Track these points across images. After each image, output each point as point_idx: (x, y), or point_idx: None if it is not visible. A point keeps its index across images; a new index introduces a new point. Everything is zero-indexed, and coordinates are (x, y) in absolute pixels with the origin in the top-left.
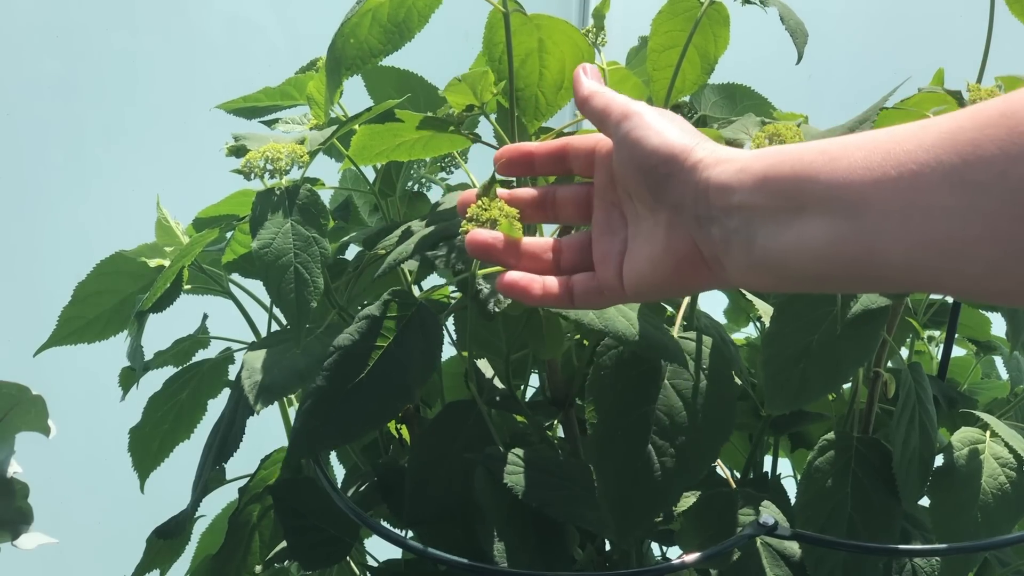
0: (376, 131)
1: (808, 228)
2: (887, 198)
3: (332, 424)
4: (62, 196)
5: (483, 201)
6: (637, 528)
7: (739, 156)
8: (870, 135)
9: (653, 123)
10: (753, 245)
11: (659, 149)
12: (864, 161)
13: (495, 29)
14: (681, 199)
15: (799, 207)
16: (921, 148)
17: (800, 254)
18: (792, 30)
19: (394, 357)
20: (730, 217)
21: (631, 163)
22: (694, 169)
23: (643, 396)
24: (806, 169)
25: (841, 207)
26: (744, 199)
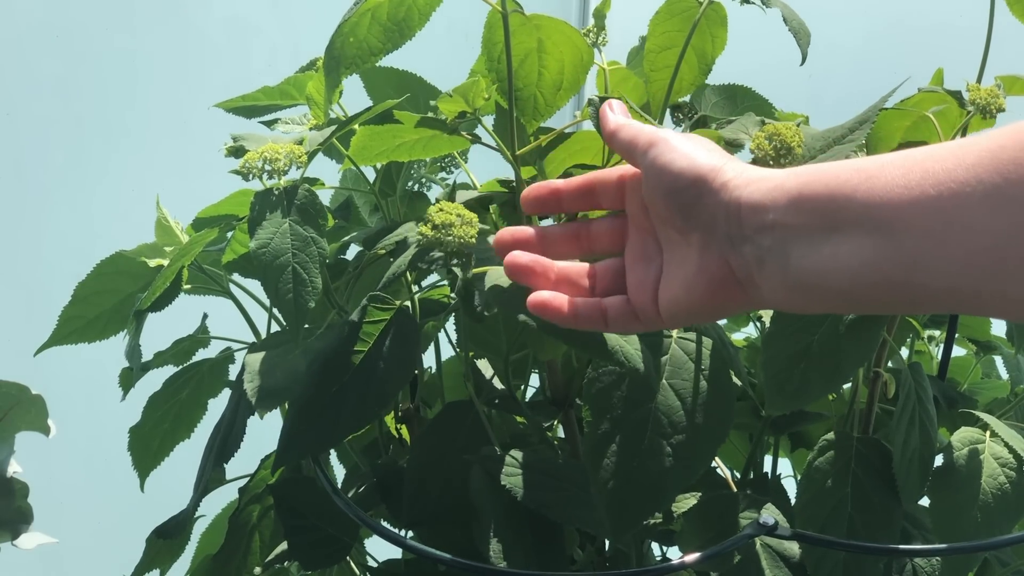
0: (376, 131)
1: (844, 247)
2: (926, 217)
3: (316, 429)
4: (62, 196)
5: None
6: (632, 527)
7: (771, 175)
8: (907, 153)
9: (679, 147)
10: (788, 264)
11: (686, 171)
12: (902, 179)
13: (494, 29)
14: (712, 220)
15: (834, 226)
16: (961, 167)
17: (836, 274)
18: (795, 31)
19: (373, 362)
20: (763, 236)
21: (660, 188)
22: (724, 189)
23: (641, 396)
24: (841, 187)
25: (878, 226)
26: (778, 218)
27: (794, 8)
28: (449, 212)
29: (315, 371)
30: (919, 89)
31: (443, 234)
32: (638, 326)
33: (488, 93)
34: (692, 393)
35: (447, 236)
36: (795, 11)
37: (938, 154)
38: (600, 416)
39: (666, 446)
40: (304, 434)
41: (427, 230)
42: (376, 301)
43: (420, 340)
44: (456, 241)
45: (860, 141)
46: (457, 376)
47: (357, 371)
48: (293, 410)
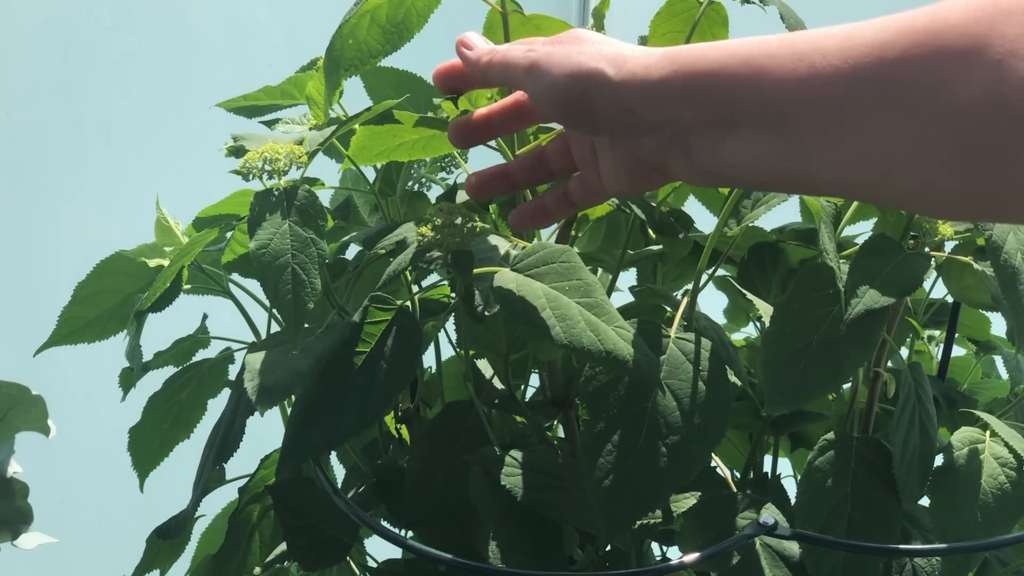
0: (376, 131)
1: (741, 142)
2: (816, 115)
3: (320, 432)
4: (62, 196)
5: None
6: (626, 526)
7: (651, 64)
8: (792, 44)
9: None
10: (691, 155)
11: (571, 87)
12: (791, 75)
13: (493, 30)
14: (610, 121)
15: (730, 120)
16: (847, 63)
17: (738, 166)
18: (792, 29)
19: (376, 363)
20: (661, 129)
21: (552, 110)
22: (610, 88)
23: (638, 395)
24: (732, 83)
25: (771, 122)
26: (672, 113)
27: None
28: (449, 212)
29: (317, 373)
30: None
31: (443, 234)
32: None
33: (490, 92)
34: (689, 394)
35: (447, 236)
36: (793, 10)
37: (824, 46)
38: (596, 415)
39: (662, 446)
40: (308, 437)
41: (427, 230)
42: (377, 302)
43: (422, 340)
44: (456, 242)
45: None
46: (457, 376)
47: (360, 372)
48: (296, 413)
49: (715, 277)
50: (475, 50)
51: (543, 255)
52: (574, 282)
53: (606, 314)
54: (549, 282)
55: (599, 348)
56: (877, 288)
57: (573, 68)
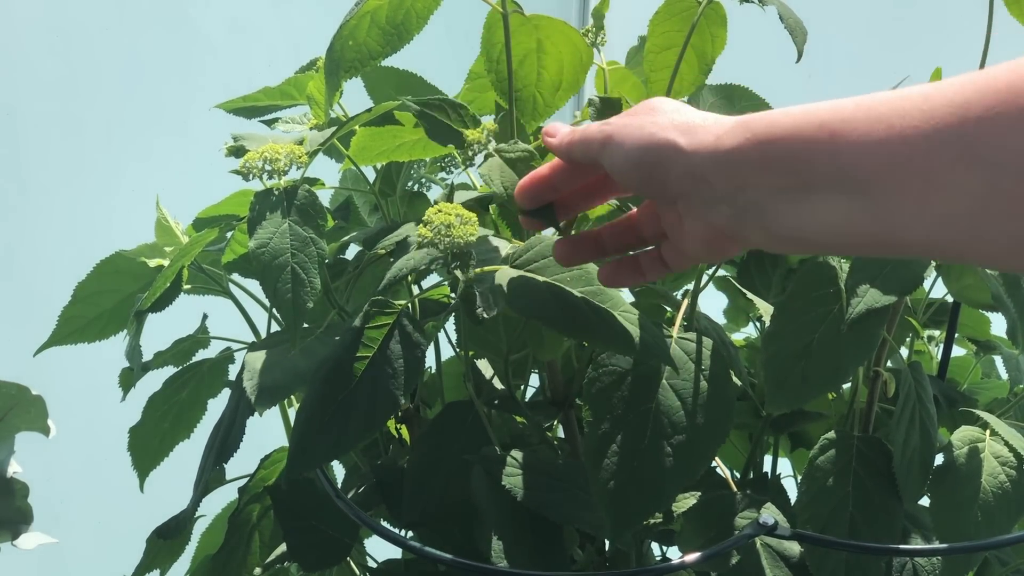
0: (376, 132)
1: (821, 207)
2: (901, 177)
3: (326, 438)
4: (62, 196)
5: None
6: (632, 527)
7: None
8: (866, 104)
9: (628, 137)
10: (766, 222)
11: (643, 159)
12: (870, 137)
13: (493, 30)
14: (684, 190)
15: (808, 185)
16: (928, 124)
17: (817, 231)
18: (791, 28)
19: (379, 367)
20: (736, 196)
21: (629, 182)
22: (683, 159)
23: (641, 396)
24: (809, 147)
25: (853, 186)
26: (747, 179)
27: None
28: (448, 213)
29: (320, 379)
30: None
31: (442, 235)
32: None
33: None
34: (692, 393)
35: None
36: (792, 9)
37: (902, 108)
38: (600, 416)
39: (666, 446)
40: (314, 445)
41: (426, 232)
42: (378, 305)
43: (425, 342)
44: (456, 242)
45: None
46: (457, 376)
47: (363, 378)
48: (300, 420)
49: (715, 277)
50: (558, 135)
51: (541, 249)
52: (575, 272)
53: (610, 300)
54: (550, 275)
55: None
56: (878, 287)
57: (645, 139)
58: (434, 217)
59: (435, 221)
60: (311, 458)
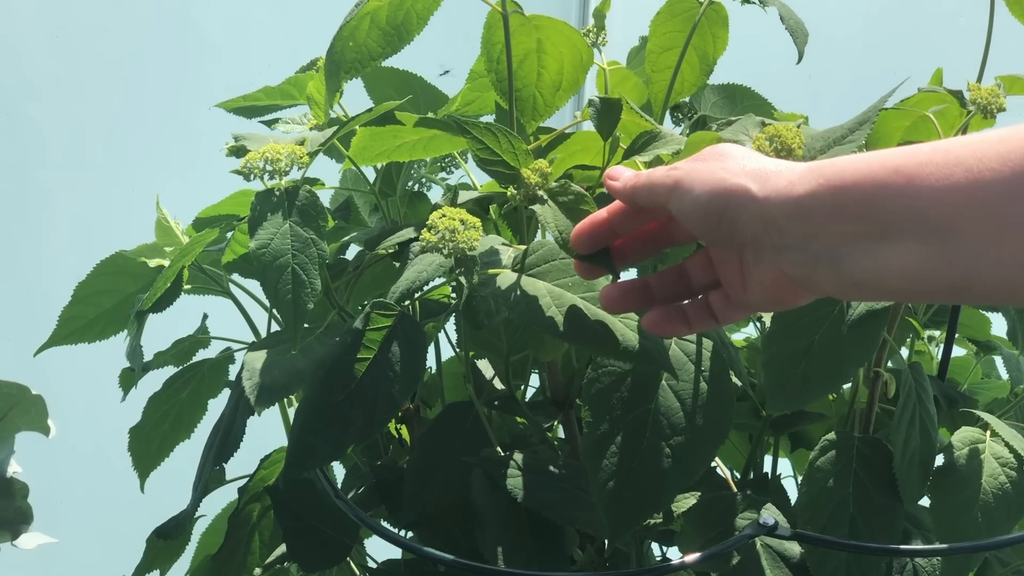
0: (376, 132)
1: (897, 253)
2: (978, 223)
3: (325, 439)
4: (62, 196)
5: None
6: (631, 528)
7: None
8: (942, 148)
9: (698, 181)
10: (840, 269)
11: (713, 204)
12: (947, 181)
13: (493, 30)
14: (755, 237)
15: (883, 231)
16: (1007, 167)
17: (891, 277)
18: (792, 29)
19: (380, 368)
20: (808, 243)
21: (697, 227)
22: (754, 205)
23: (641, 396)
24: (883, 192)
25: (931, 232)
26: (821, 226)
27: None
28: (452, 218)
29: (320, 380)
30: (919, 89)
31: (447, 240)
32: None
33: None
34: (692, 394)
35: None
36: (792, 10)
37: (979, 151)
38: (599, 417)
39: (665, 447)
40: (313, 445)
41: (431, 236)
42: (378, 307)
43: (425, 344)
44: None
45: (860, 142)
46: (458, 376)
47: (364, 379)
48: (300, 421)
49: None
50: (621, 179)
51: (543, 253)
52: (576, 277)
53: None
54: (551, 279)
55: (607, 339)
56: None
57: (716, 184)
58: (438, 222)
59: (440, 226)
60: (310, 459)
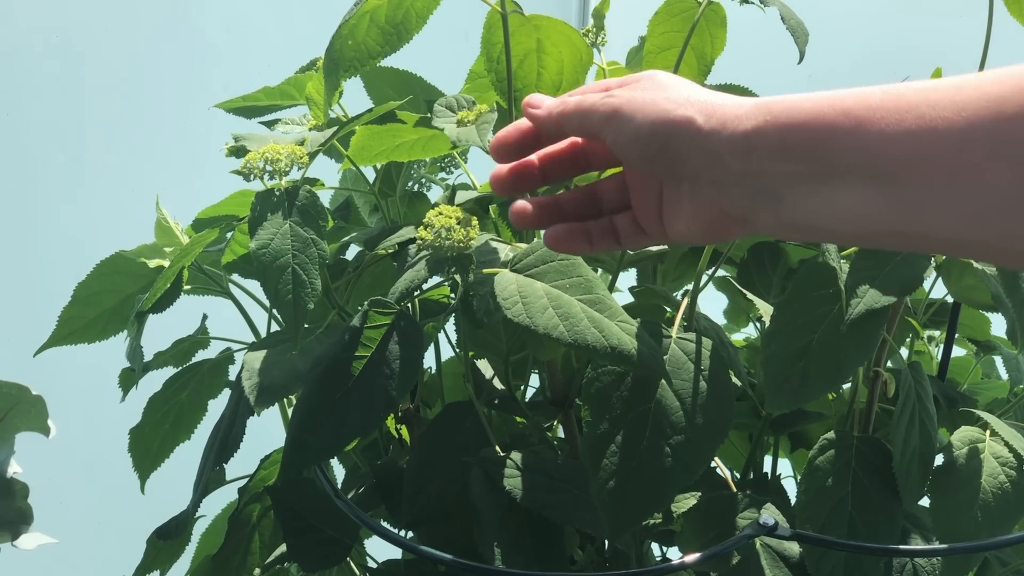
0: (376, 131)
1: (840, 196)
2: (929, 170)
3: (321, 436)
4: (62, 196)
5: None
6: (631, 527)
7: (745, 115)
8: (895, 92)
9: (639, 111)
10: (780, 208)
11: (656, 135)
12: (897, 127)
13: (493, 30)
14: (696, 170)
15: (829, 173)
16: (960, 116)
17: (832, 220)
18: (793, 29)
19: (377, 367)
20: (752, 180)
21: (635, 158)
22: (700, 138)
23: (640, 396)
24: (832, 134)
25: (877, 177)
26: (765, 163)
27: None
28: (449, 216)
29: (318, 378)
30: None
31: (443, 239)
32: (647, 240)
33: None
34: (691, 394)
35: (447, 240)
36: (792, 10)
37: (932, 99)
38: (599, 416)
39: (665, 446)
40: (310, 443)
41: (427, 234)
42: (377, 305)
43: (423, 343)
44: (455, 246)
45: None
46: (458, 376)
47: (361, 377)
48: (297, 419)
49: (715, 277)
50: (544, 106)
51: (542, 254)
52: (575, 279)
53: (608, 309)
54: (549, 281)
55: (603, 344)
56: (877, 287)
57: (660, 115)
58: (435, 220)
59: (436, 224)
60: (306, 456)
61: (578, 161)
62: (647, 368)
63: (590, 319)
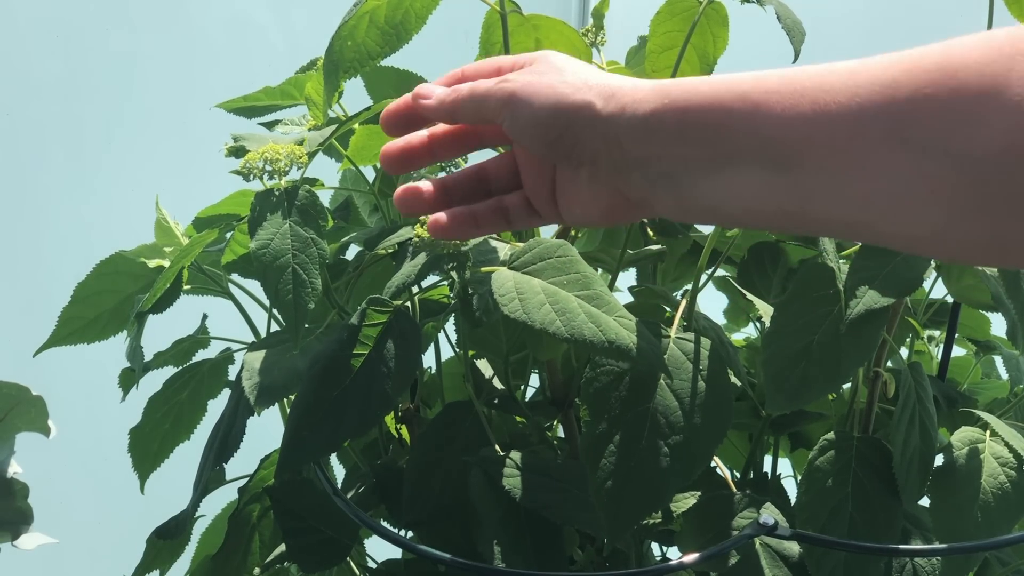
0: (375, 131)
1: (736, 179)
2: (823, 154)
3: (319, 434)
4: (62, 196)
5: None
6: (629, 527)
7: (643, 99)
8: (792, 79)
9: (536, 96)
10: (680, 191)
11: (555, 120)
12: (793, 111)
13: (492, 29)
14: (595, 154)
15: (725, 157)
16: (854, 101)
17: (729, 202)
18: (789, 28)
19: (375, 365)
20: (650, 164)
21: (533, 144)
22: (599, 122)
23: (639, 395)
24: (728, 117)
25: (772, 160)
26: (664, 148)
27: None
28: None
29: (314, 376)
30: None
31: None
32: (539, 221)
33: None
34: (690, 393)
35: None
36: (790, 9)
37: (827, 83)
38: (598, 416)
39: (664, 446)
40: (307, 440)
41: (423, 232)
42: (375, 304)
43: (421, 341)
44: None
45: None
46: (457, 376)
47: (358, 375)
48: (294, 416)
49: (715, 277)
50: (434, 96)
51: (539, 251)
52: (572, 276)
53: (606, 305)
54: (547, 277)
55: (601, 339)
56: (877, 288)
57: (558, 99)
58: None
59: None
60: (303, 454)
61: (469, 138)
62: (646, 363)
63: (587, 314)
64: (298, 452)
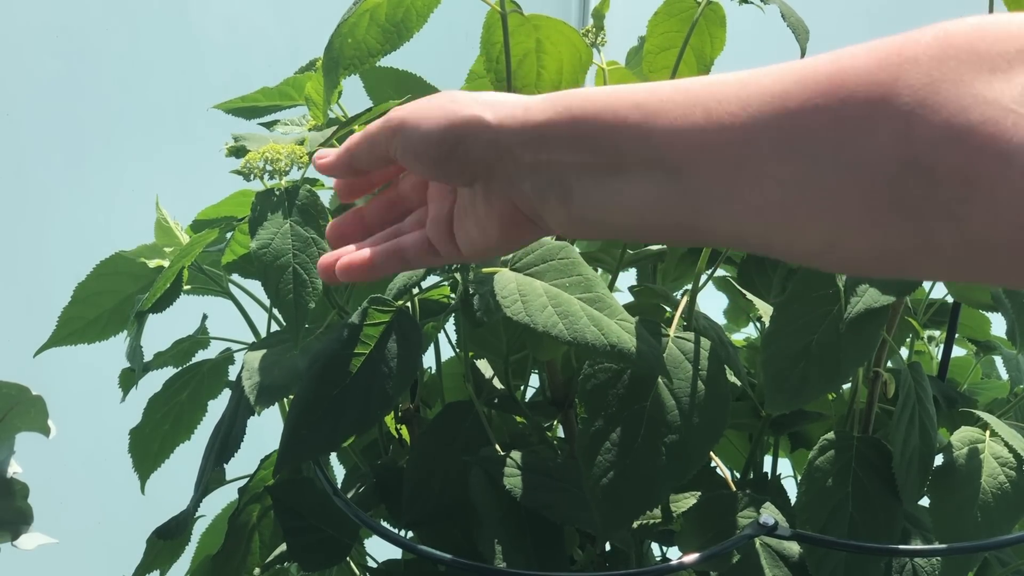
0: None
1: (628, 188)
2: (714, 164)
3: (318, 432)
4: (62, 196)
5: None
6: (624, 525)
7: (533, 106)
8: (686, 89)
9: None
10: (570, 201)
11: (446, 137)
12: (685, 120)
13: (492, 29)
14: (488, 166)
15: (617, 165)
16: (746, 111)
17: (621, 212)
18: (793, 27)
19: (375, 364)
20: (541, 173)
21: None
22: (489, 132)
23: (637, 394)
24: (621, 126)
25: (663, 170)
26: (555, 155)
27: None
28: None
29: (315, 374)
30: None
31: None
32: (439, 260)
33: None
34: (688, 393)
35: None
36: (793, 9)
37: (720, 94)
38: (594, 413)
39: (660, 445)
40: (305, 438)
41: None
42: (376, 304)
43: (422, 341)
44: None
45: None
46: (457, 376)
47: (359, 374)
48: (293, 414)
49: (715, 277)
50: (331, 154)
51: (542, 252)
52: (574, 278)
53: (608, 308)
54: (549, 279)
55: (603, 342)
56: (876, 287)
57: (447, 116)
58: None
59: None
60: (302, 451)
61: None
62: (647, 366)
63: (589, 317)
64: (296, 449)
